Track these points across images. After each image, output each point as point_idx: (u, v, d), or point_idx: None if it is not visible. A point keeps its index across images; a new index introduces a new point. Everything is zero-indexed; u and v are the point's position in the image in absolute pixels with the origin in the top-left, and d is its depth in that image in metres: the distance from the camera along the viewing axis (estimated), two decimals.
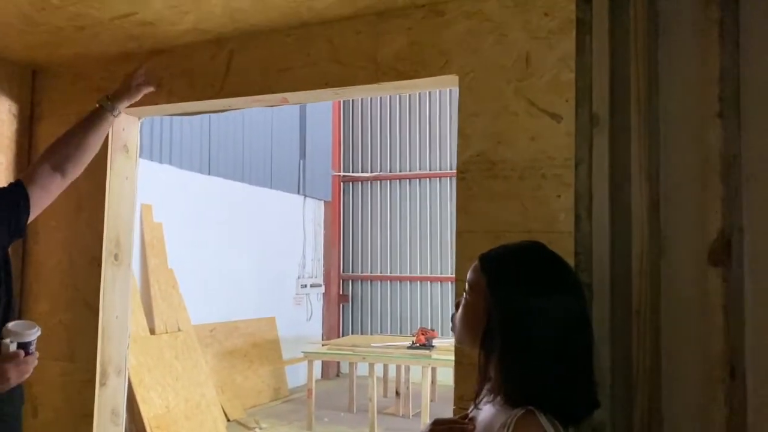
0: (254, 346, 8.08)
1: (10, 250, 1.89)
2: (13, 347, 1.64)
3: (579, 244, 1.59)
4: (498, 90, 1.71)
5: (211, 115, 7.64)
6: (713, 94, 1.49)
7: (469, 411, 1.39)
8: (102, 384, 2.23)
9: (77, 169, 1.99)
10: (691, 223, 1.52)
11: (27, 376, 1.68)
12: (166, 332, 6.48)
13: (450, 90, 9.35)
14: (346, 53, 1.92)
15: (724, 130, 1.48)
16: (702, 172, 1.51)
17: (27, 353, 1.66)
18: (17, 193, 1.87)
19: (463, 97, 1.77)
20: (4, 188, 1.89)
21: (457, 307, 1.37)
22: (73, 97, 2.30)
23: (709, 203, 1.49)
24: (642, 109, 1.56)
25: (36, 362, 1.69)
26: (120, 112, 2.11)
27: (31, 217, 1.91)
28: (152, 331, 6.34)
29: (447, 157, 9.74)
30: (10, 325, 1.69)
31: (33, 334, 1.67)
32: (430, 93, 9.91)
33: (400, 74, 1.85)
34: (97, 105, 2.07)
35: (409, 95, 10.03)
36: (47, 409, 2.31)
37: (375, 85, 1.89)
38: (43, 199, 1.92)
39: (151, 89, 2.15)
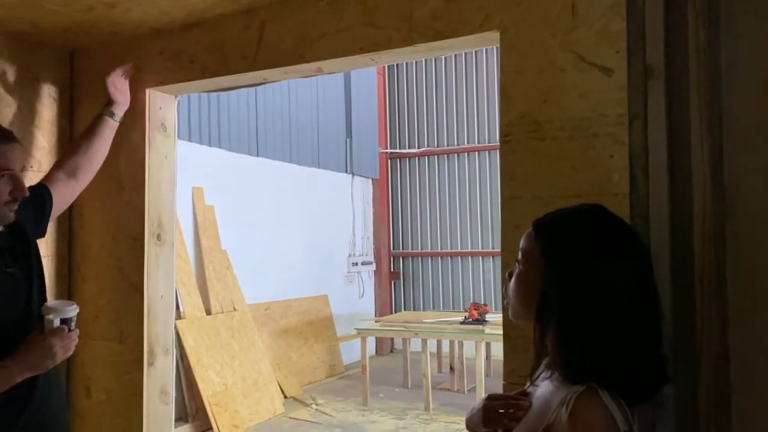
0: (309, 324, 8.16)
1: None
2: (57, 323, 1.66)
3: (635, 207, 1.48)
4: (542, 44, 1.60)
5: (258, 97, 7.67)
6: None
7: (525, 387, 1.31)
8: (150, 364, 2.24)
9: (89, 174, 2.13)
10: (759, 178, 1.38)
11: (71, 352, 1.71)
12: (222, 312, 6.59)
13: (497, 58, 9.13)
14: (379, 15, 1.83)
15: None
16: None
17: (69, 329, 1.67)
18: (45, 194, 1.97)
19: (504, 55, 1.65)
20: (34, 186, 1.96)
21: (509, 277, 1.28)
22: None
23: None
24: (702, 57, 1.42)
25: (77, 339, 1.71)
26: (119, 117, 2.19)
27: (51, 218, 2.02)
28: (208, 312, 6.45)
29: (495, 130, 9.53)
30: (50, 303, 1.72)
31: (73, 311, 1.70)
32: (476, 63, 9.69)
33: (437, 34, 1.75)
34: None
35: (455, 67, 9.82)
36: (100, 389, 2.33)
37: (411, 48, 1.79)
38: (62, 201, 2.06)
39: (124, 92, 2.21)
